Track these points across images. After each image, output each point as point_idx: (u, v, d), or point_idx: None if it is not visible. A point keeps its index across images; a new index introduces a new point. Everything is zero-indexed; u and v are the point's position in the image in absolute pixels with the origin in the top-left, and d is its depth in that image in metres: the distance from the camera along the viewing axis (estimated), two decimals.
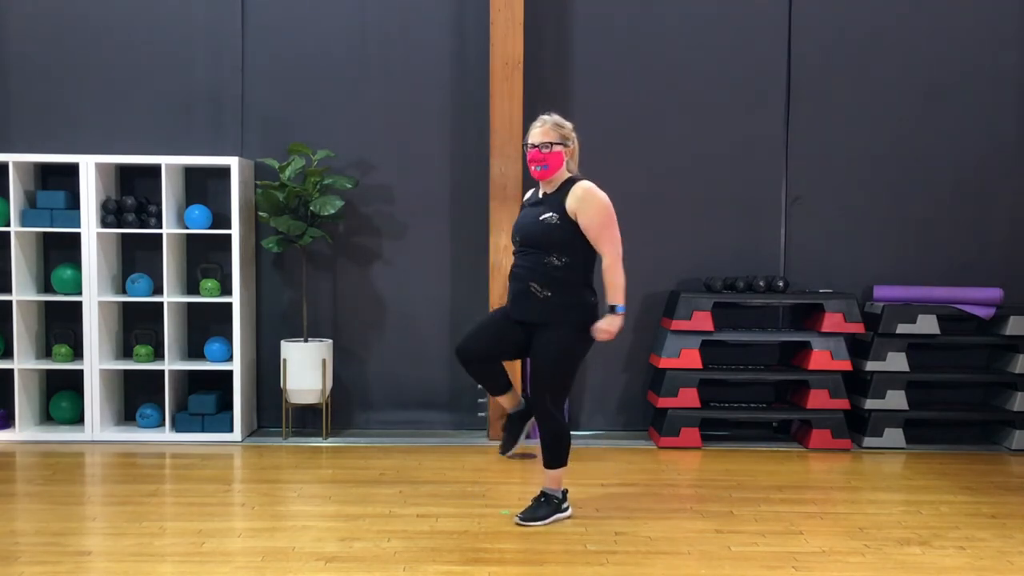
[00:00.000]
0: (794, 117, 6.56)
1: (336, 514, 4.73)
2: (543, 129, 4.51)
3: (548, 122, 4.54)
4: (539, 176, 4.54)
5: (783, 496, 5.12)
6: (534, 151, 4.50)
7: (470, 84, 6.46)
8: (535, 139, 4.51)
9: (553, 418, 4.54)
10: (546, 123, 4.54)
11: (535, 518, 4.58)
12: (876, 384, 6.20)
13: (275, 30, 6.49)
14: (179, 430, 6.24)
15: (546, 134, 4.50)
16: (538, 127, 4.54)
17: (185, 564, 4.04)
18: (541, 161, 4.49)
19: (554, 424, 4.56)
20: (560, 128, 4.53)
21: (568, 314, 4.48)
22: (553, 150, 4.47)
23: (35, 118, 6.48)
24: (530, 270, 4.49)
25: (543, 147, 4.48)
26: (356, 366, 6.61)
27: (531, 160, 4.51)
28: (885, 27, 6.52)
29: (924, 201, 6.57)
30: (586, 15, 6.50)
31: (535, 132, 4.53)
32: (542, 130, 4.51)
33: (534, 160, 4.50)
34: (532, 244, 4.50)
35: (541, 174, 4.52)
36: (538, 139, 4.50)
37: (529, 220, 4.55)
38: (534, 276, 4.48)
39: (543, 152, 4.48)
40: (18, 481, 5.34)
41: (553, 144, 4.48)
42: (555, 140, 4.49)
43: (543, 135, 4.50)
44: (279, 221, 6.06)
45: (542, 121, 4.55)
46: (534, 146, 4.50)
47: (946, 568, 4.10)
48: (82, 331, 6.19)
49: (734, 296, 6.25)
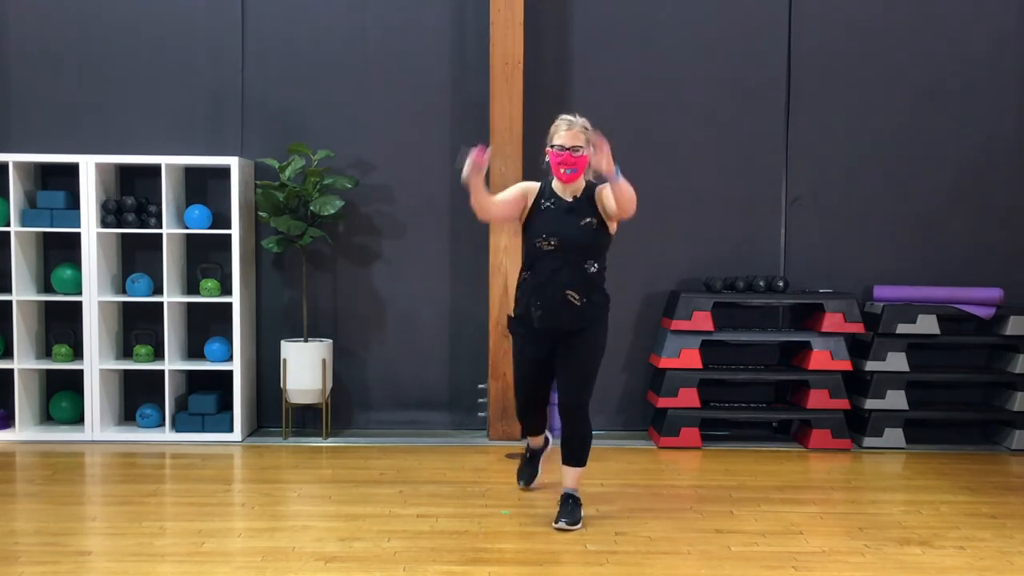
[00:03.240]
0: (794, 117, 6.56)
1: (336, 514, 4.73)
2: (573, 132, 4.41)
3: (577, 124, 4.44)
4: (568, 179, 4.45)
5: (783, 496, 5.12)
6: (565, 154, 4.40)
7: (470, 84, 6.46)
8: (566, 141, 4.40)
9: (588, 418, 4.58)
10: (574, 125, 4.43)
11: (577, 520, 4.55)
12: (876, 384, 6.20)
13: (275, 30, 6.49)
14: (179, 430, 6.23)
15: (576, 137, 4.40)
16: (566, 129, 4.42)
17: (185, 564, 4.04)
18: (572, 164, 4.41)
19: (589, 424, 4.60)
20: (587, 131, 4.43)
21: (601, 315, 4.56)
22: (583, 154, 4.41)
23: (35, 118, 6.47)
24: (568, 277, 4.44)
25: (574, 150, 4.40)
26: (356, 366, 6.62)
27: (562, 163, 4.41)
28: (885, 27, 6.52)
29: (924, 201, 6.58)
30: (586, 15, 6.50)
31: (566, 135, 4.41)
32: (572, 133, 4.41)
33: (565, 163, 4.41)
34: (573, 249, 4.43)
35: (571, 177, 4.44)
36: (569, 142, 4.40)
37: (568, 225, 4.45)
38: (572, 284, 4.44)
39: (574, 156, 4.40)
40: (18, 481, 5.34)
41: (582, 148, 4.41)
42: (583, 144, 4.41)
43: (574, 138, 4.40)
44: (279, 221, 6.06)
45: (569, 123, 4.44)
46: (564, 148, 4.40)
47: (946, 568, 4.10)
48: (82, 331, 6.19)
49: (734, 296, 6.25)
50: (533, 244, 4.52)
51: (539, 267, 4.48)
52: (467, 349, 6.55)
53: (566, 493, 4.64)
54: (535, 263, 4.51)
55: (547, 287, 4.46)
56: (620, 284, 6.48)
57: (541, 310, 4.47)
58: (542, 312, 4.47)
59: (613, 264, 6.28)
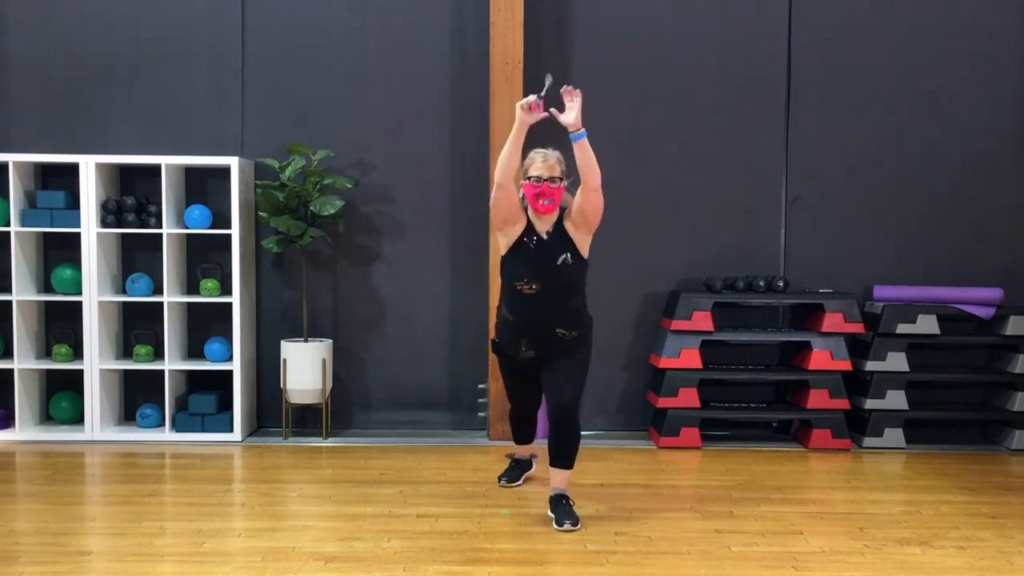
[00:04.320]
0: (794, 117, 6.56)
1: (336, 514, 4.73)
2: (550, 163, 4.41)
3: (552, 156, 4.44)
4: (545, 211, 4.42)
5: (783, 496, 5.12)
6: (543, 185, 4.37)
7: (470, 84, 6.46)
8: (543, 172, 4.38)
9: (577, 420, 4.59)
10: (549, 157, 4.43)
11: (578, 518, 4.55)
12: (876, 384, 6.20)
13: (275, 30, 6.49)
14: (179, 430, 6.23)
15: (552, 168, 4.41)
16: (541, 161, 4.41)
17: (185, 564, 4.04)
18: (550, 195, 4.40)
19: (578, 426, 4.61)
20: (562, 163, 4.45)
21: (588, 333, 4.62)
22: (559, 185, 4.41)
23: (35, 118, 6.48)
24: (554, 317, 4.45)
25: (552, 181, 4.39)
26: (356, 366, 6.61)
27: (539, 194, 4.39)
28: (885, 27, 6.52)
29: (924, 201, 6.58)
30: (586, 15, 6.50)
31: (542, 166, 4.39)
32: (548, 164, 4.40)
33: (543, 194, 4.38)
34: (554, 291, 4.44)
35: (549, 208, 4.42)
36: (547, 173, 4.39)
37: (547, 267, 4.43)
38: (559, 323, 4.46)
39: (552, 187, 4.39)
40: (18, 481, 5.34)
41: (559, 179, 4.42)
42: (559, 175, 4.43)
43: (551, 169, 4.40)
44: (279, 221, 6.06)
45: (544, 155, 4.43)
46: (542, 179, 4.38)
47: (946, 568, 4.10)
48: (82, 331, 6.19)
49: (734, 296, 6.25)
50: (513, 286, 4.48)
51: (524, 309, 4.48)
52: (467, 349, 6.55)
53: (558, 494, 4.64)
54: (517, 305, 4.49)
55: (534, 329, 4.49)
56: (620, 284, 6.52)
57: (535, 351, 4.54)
58: (535, 352, 4.54)
59: (613, 264, 6.34)
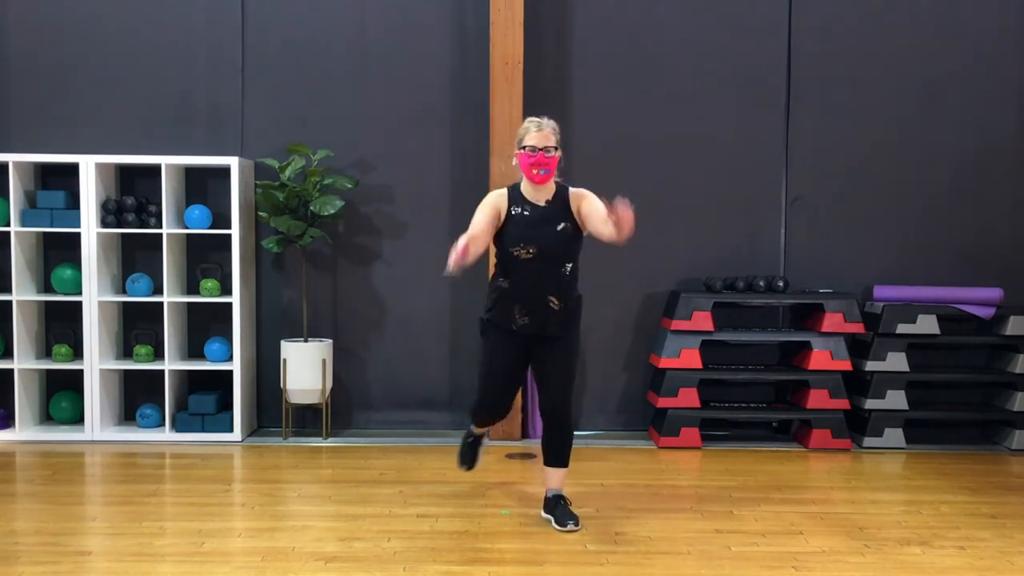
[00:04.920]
0: (794, 117, 6.56)
1: (336, 514, 4.73)
2: (544, 133, 4.42)
3: (547, 126, 4.45)
4: (541, 180, 4.45)
5: (783, 496, 5.12)
6: (538, 155, 4.40)
7: (470, 84, 6.46)
8: (538, 142, 4.41)
9: (571, 419, 4.58)
10: (544, 127, 4.44)
11: (578, 519, 4.54)
12: (876, 384, 6.20)
13: (275, 30, 6.49)
14: (179, 430, 6.23)
15: (547, 138, 4.42)
16: (535, 130, 4.43)
17: (185, 564, 4.04)
18: (545, 164, 4.41)
19: (572, 425, 4.60)
20: (557, 133, 4.47)
21: (577, 317, 4.59)
22: (554, 154, 4.43)
23: (35, 118, 6.48)
24: (547, 282, 4.44)
25: (546, 151, 4.41)
26: (356, 366, 6.61)
27: (535, 163, 4.41)
28: (885, 27, 6.52)
29: (924, 201, 6.58)
30: (586, 15, 6.50)
31: (536, 135, 4.42)
32: (543, 134, 4.42)
33: (538, 164, 4.40)
34: (550, 256, 4.43)
35: (544, 178, 4.44)
36: (541, 142, 4.40)
37: (545, 232, 4.44)
38: (551, 289, 4.44)
39: (547, 156, 4.41)
40: (18, 481, 5.34)
41: (553, 148, 4.43)
42: (554, 144, 4.44)
43: (545, 139, 4.41)
44: (279, 221, 6.06)
45: (538, 124, 4.45)
46: (537, 149, 4.41)
47: (946, 568, 4.10)
48: (82, 331, 6.19)
49: (734, 296, 6.25)
50: (509, 252, 4.47)
51: (518, 275, 4.46)
52: (467, 349, 6.55)
53: (556, 495, 4.64)
54: (512, 271, 4.48)
55: (530, 294, 4.46)
56: (620, 284, 6.52)
57: (528, 317, 4.48)
58: (529, 319, 4.48)
59: (613, 264, 6.34)
